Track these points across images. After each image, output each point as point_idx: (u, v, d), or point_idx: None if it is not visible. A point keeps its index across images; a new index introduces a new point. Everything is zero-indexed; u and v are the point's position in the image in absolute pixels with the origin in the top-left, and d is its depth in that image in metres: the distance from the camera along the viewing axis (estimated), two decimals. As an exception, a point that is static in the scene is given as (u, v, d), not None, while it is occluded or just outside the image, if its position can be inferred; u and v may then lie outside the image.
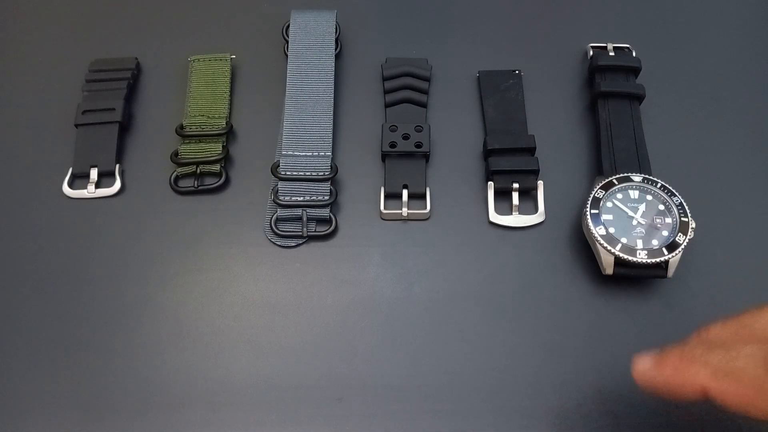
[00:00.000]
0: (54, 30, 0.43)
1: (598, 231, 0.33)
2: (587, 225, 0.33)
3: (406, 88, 0.39)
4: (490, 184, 0.36)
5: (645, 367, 0.25)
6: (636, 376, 0.25)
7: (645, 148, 0.36)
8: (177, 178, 0.37)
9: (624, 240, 0.32)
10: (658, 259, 0.32)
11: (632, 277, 0.33)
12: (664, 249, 0.32)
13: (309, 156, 0.36)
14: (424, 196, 0.36)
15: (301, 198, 0.36)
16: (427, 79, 0.39)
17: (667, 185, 0.34)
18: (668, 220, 0.33)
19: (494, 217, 0.36)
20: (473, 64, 0.41)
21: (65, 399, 0.31)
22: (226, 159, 0.37)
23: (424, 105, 0.39)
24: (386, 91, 0.39)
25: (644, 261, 0.32)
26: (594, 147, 0.38)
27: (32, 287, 0.34)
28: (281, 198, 0.36)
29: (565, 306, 0.34)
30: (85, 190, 0.37)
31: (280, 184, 0.36)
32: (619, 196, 0.34)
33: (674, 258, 0.32)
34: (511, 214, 0.36)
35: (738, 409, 0.22)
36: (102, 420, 0.31)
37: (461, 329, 0.33)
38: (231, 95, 0.39)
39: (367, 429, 0.31)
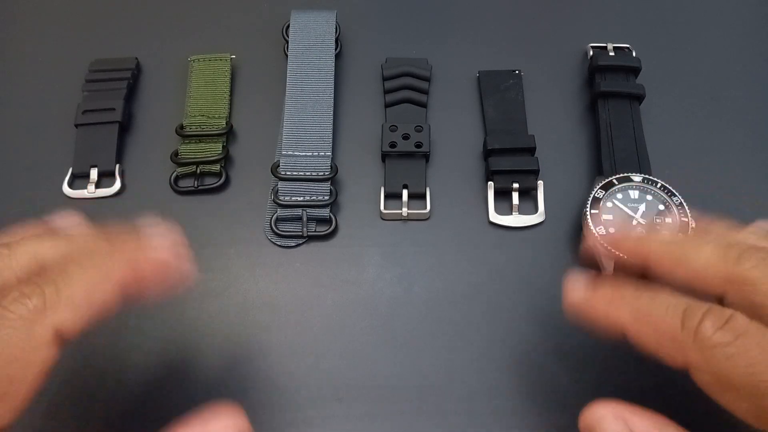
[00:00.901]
0: (54, 30, 0.43)
1: (598, 231, 0.33)
2: (587, 225, 0.33)
3: (406, 88, 0.39)
4: (490, 184, 0.36)
5: (577, 296, 0.26)
6: (567, 304, 0.26)
7: (645, 148, 0.36)
8: (177, 178, 0.37)
9: (624, 240, 0.32)
10: (658, 259, 0.32)
11: (632, 277, 0.33)
12: (664, 249, 0.32)
13: (309, 156, 0.36)
14: (424, 196, 0.36)
15: (301, 198, 0.36)
16: (427, 79, 0.39)
17: (667, 185, 0.34)
18: (668, 220, 0.33)
19: (494, 217, 0.36)
20: (473, 64, 0.41)
21: (61, 397, 0.31)
22: (226, 159, 0.37)
23: (424, 105, 0.39)
24: (386, 91, 0.39)
25: (644, 261, 0.32)
26: (594, 147, 0.38)
27: (32, 287, 0.34)
28: (281, 198, 0.36)
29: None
30: (85, 190, 0.37)
31: (280, 184, 0.36)
32: (619, 196, 0.34)
33: (674, 258, 0.32)
34: (511, 214, 0.36)
35: (651, 353, 0.23)
36: (97, 421, 0.31)
37: (461, 329, 0.33)
38: (231, 95, 0.39)
39: (367, 429, 0.31)
